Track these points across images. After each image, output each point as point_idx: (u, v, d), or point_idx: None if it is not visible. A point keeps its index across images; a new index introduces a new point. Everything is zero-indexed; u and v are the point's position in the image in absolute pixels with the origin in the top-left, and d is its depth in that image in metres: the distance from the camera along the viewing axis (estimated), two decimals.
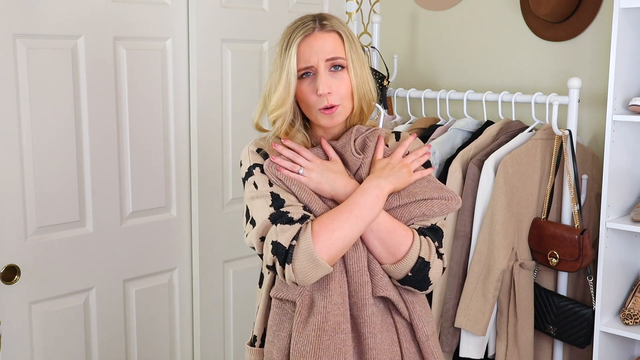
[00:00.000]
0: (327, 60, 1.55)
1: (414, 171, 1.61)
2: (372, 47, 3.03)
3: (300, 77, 1.57)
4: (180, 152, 2.58)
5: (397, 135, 1.72)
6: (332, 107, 1.56)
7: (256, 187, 1.58)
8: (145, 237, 2.52)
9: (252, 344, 1.67)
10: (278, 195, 1.55)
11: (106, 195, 2.39)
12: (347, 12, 3.09)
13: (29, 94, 2.16)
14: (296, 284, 1.50)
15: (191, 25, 2.53)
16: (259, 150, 1.63)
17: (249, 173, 1.61)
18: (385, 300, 1.59)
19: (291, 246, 1.47)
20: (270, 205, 1.54)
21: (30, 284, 2.23)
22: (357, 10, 3.12)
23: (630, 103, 2.30)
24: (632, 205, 2.47)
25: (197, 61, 2.54)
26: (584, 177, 2.48)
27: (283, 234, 1.48)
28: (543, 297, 2.46)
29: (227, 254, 2.72)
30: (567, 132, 2.40)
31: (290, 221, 1.50)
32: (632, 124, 2.38)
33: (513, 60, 2.85)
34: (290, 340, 1.56)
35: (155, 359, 2.62)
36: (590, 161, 2.55)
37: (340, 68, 1.57)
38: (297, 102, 1.61)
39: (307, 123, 1.66)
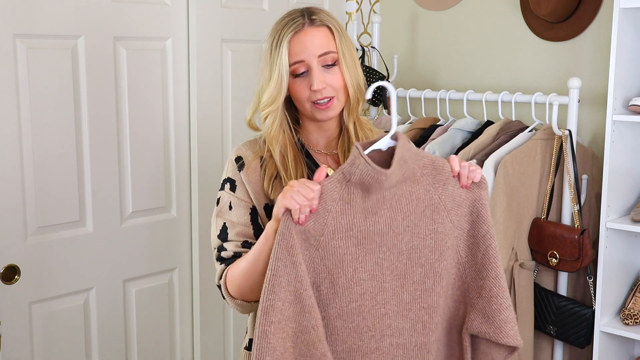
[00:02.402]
0: (320, 56, 1.54)
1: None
2: (372, 47, 3.03)
3: (294, 77, 1.56)
4: (180, 152, 2.58)
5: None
6: (328, 101, 1.56)
7: (217, 204, 1.61)
8: (145, 237, 2.52)
9: (249, 349, 1.64)
10: (224, 224, 1.57)
11: (106, 195, 2.38)
12: (347, 12, 3.09)
13: (29, 94, 2.16)
14: None
15: (191, 25, 2.53)
16: (238, 160, 1.61)
17: (222, 186, 1.62)
18: None
19: (220, 285, 1.55)
20: (218, 236, 1.58)
21: (30, 284, 2.23)
22: (357, 10, 3.11)
23: (630, 103, 2.30)
24: (632, 205, 2.47)
25: (197, 61, 2.54)
26: (584, 177, 2.48)
27: (215, 271, 1.57)
28: (543, 297, 2.46)
29: None
30: (567, 132, 2.40)
31: (221, 260, 1.55)
32: (632, 124, 2.38)
33: (513, 60, 2.85)
34: None
35: (155, 359, 2.62)
36: (590, 161, 2.55)
37: (332, 64, 1.56)
38: (287, 102, 1.60)
39: (296, 126, 1.65)
